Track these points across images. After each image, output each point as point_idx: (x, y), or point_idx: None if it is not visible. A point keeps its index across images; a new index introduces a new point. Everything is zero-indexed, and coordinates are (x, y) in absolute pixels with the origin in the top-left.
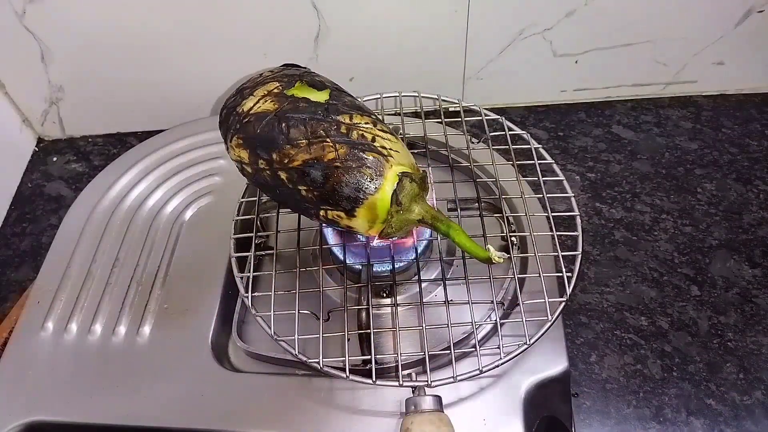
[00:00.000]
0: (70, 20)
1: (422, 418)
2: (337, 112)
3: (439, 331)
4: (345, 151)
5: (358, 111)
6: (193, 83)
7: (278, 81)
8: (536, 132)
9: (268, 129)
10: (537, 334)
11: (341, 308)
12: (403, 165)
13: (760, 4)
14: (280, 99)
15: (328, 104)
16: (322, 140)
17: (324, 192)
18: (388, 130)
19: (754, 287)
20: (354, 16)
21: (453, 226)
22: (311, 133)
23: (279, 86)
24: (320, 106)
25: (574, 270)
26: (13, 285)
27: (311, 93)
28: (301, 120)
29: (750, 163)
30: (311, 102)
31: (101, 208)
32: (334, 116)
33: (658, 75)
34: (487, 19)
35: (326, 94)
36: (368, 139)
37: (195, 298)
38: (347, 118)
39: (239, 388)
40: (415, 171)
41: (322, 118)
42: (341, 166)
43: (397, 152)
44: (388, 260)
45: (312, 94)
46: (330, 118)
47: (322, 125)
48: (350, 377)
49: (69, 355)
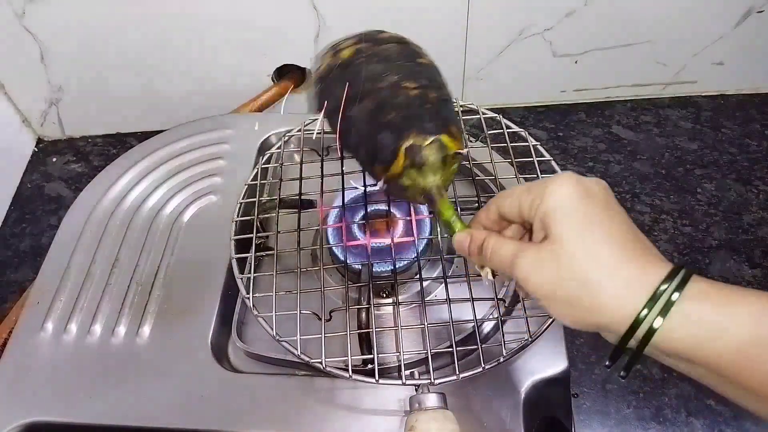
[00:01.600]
0: (70, 20)
1: (426, 415)
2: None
3: (440, 330)
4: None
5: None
6: (193, 83)
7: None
8: (536, 132)
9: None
10: (539, 330)
11: (343, 308)
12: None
13: (760, 4)
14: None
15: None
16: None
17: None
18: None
19: (754, 287)
20: (354, 16)
21: (451, 210)
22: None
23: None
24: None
25: None
26: (13, 285)
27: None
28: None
29: (750, 163)
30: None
31: (101, 209)
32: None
33: (658, 75)
34: (487, 19)
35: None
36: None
37: (195, 299)
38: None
39: (239, 389)
40: (451, 146)
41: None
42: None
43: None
44: (389, 260)
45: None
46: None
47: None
48: (353, 376)
49: (69, 355)
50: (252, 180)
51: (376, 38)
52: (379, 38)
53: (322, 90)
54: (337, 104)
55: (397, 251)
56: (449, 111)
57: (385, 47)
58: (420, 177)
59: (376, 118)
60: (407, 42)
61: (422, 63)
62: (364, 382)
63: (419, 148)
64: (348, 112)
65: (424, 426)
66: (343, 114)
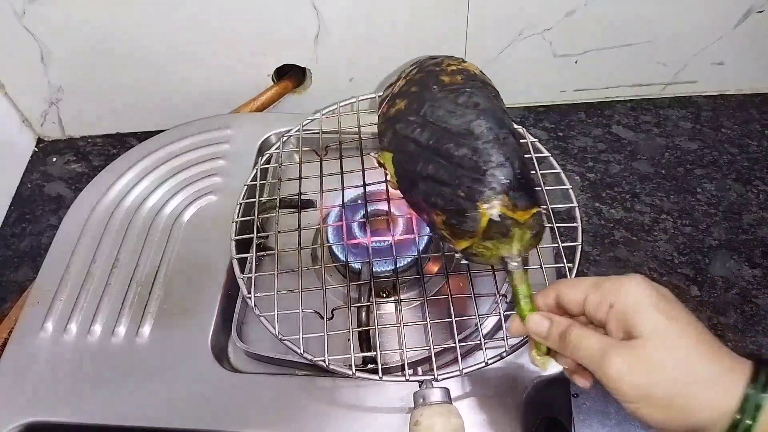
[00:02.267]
0: (70, 20)
1: (431, 410)
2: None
3: (443, 327)
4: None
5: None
6: (193, 83)
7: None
8: (536, 132)
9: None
10: None
11: (345, 306)
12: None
13: (760, 4)
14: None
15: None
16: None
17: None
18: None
19: (754, 287)
20: (354, 16)
21: (526, 288)
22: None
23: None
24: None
25: (575, 261)
26: (13, 285)
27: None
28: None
29: (750, 163)
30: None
31: (101, 209)
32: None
33: (658, 75)
34: (486, 19)
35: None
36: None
37: (195, 299)
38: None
39: (239, 388)
40: (529, 223)
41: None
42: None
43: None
44: (390, 258)
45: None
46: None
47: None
48: (356, 374)
49: (69, 355)
50: (251, 180)
51: (472, 77)
52: (473, 78)
53: (395, 135)
54: (423, 138)
55: (397, 249)
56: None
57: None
58: (500, 246)
59: (469, 172)
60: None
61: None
62: (367, 380)
63: (508, 219)
64: (436, 154)
65: (429, 420)
66: (426, 151)
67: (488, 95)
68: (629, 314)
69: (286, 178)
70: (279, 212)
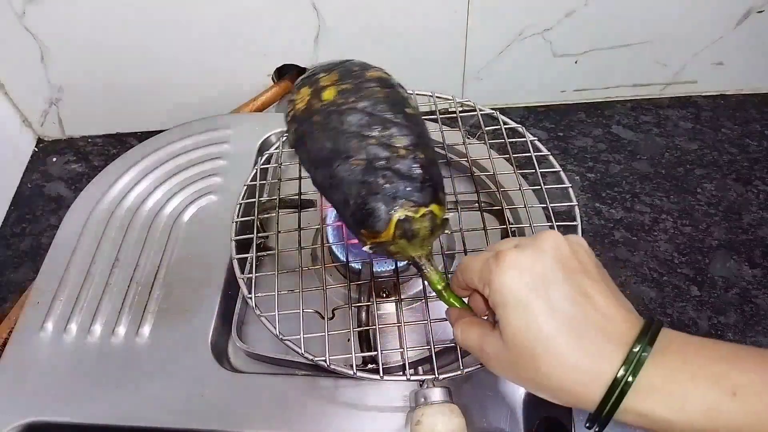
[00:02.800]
0: (70, 20)
1: (432, 409)
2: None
3: (444, 326)
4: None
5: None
6: (193, 83)
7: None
8: (536, 132)
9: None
10: None
11: (345, 306)
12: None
13: (759, 4)
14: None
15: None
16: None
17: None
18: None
19: (754, 287)
20: (354, 16)
21: (442, 281)
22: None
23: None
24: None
25: None
26: (13, 285)
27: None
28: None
29: (750, 163)
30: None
31: (101, 209)
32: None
33: (657, 75)
34: (486, 19)
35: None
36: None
37: (195, 299)
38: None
39: (239, 389)
40: (440, 214)
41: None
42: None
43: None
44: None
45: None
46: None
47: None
48: (357, 374)
49: (69, 355)
50: (251, 180)
51: (360, 77)
52: (363, 77)
53: (301, 134)
54: (319, 156)
55: None
56: (437, 173)
57: (371, 91)
58: (409, 247)
59: (365, 182)
60: (393, 84)
61: (410, 114)
62: (368, 380)
63: (411, 221)
64: (332, 168)
65: (430, 420)
66: (326, 168)
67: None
68: (496, 305)
69: (286, 178)
70: (279, 212)
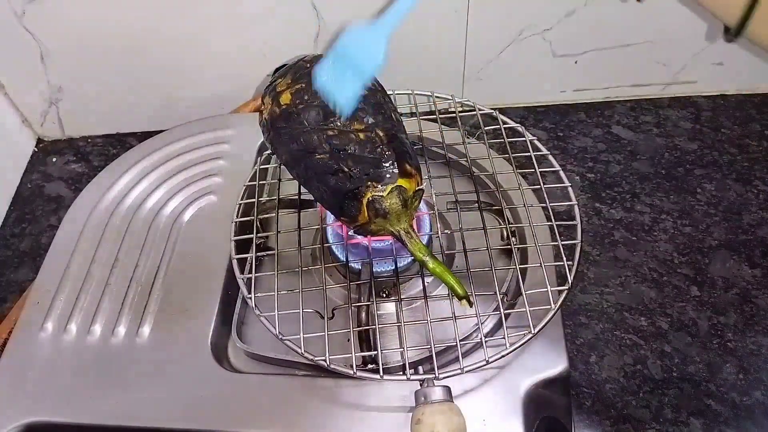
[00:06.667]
0: (69, 20)
1: (433, 408)
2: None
3: (443, 326)
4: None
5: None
6: (193, 83)
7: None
8: (536, 132)
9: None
10: (541, 323)
11: (345, 306)
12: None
13: None
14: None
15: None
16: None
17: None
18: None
19: (754, 287)
20: (354, 16)
21: (424, 251)
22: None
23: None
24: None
25: (574, 259)
26: (13, 285)
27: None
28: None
29: (750, 163)
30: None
31: (101, 209)
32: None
33: (657, 75)
34: (486, 19)
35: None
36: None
37: (195, 299)
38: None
39: (239, 389)
40: (409, 186)
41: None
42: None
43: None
44: (390, 257)
45: None
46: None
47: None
48: (357, 374)
49: (69, 355)
50: (251, 180)
51: (311, 73)
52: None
53: (272, 141)
54: (291, 157)
55: (397, 249)
56: (400, 144)
57: None
58: (386, 223)
59: (333, 173)
60: None
61: (363, 94)
62: (368, 379)
63: (380, 200)
64: (302, 167)
65: (430, 419)
66: (299, 167)
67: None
68: None
69: (286, 178)
70: (279, 212)
